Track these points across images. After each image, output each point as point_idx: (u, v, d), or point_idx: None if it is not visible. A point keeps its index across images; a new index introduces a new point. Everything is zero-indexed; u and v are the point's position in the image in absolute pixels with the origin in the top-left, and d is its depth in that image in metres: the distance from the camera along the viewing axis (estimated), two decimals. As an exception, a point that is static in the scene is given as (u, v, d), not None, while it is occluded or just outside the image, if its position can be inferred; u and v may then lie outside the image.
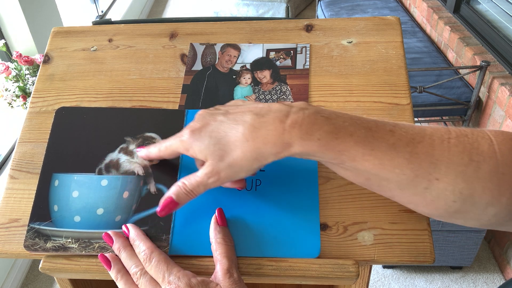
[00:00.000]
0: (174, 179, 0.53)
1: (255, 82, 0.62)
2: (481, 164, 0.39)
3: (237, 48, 0.66)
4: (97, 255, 0.50)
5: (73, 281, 0.58)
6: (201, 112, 0.46)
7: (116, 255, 0.49)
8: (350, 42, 0.65)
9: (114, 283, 0.48)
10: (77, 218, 0.52)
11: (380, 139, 0.40)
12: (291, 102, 0.50)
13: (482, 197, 0.39)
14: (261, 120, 0.41)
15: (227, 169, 0.42)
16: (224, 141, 0.42)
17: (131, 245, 0.49)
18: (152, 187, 0.53)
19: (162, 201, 0.46)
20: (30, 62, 1.93)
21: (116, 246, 0.49)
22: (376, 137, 0.40)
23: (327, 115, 0.41)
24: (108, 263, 0.48)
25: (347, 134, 0.40)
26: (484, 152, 0.39)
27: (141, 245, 0.48)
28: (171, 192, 0.45)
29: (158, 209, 0.46)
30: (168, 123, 0.57)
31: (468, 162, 0.39)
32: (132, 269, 0.47)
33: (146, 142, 0.56)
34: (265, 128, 0.40)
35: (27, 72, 1.93)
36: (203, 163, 0.45)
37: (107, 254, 0.49)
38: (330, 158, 0.41)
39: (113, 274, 0.48)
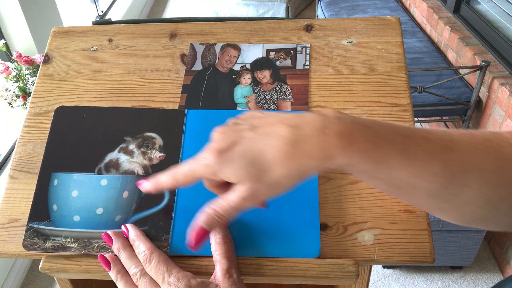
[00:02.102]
0: (174, 179, 0.53)
1: (255, 82, 0.62)
2: (506, 169, 0.37)
3: (237, 48, 0.66)
4: (97, 255, 0.50)
5: (73, 281, 0.58)
6: (221, 129, 0.40)
7: (116, 256, 0.49)
8: (350, 42, 0.65)
9: (114, 283, 0.48)
10: (76, 218, 0.52)
11: (417, 147, 0.37)
12: (312, 111, 0.45)
13: (506, 202, 0.38)
14: (299, 132, 0.37)
15: (266, 190, 0.38)
16: (261, 160, 0.37)
17: (130, 246, 0.49)
18: (152, 187, 0.53)
19: (192, 233, 0.42)
20: (30, 62, 1.93)
21: (116, 246, 0.49)
22: (412, 144, 0.37)
23: (366, 123, 0.38)
24: (107, 263, 0.48)
25: (387, 143, 0.37)
26: (508, 156, 0.38)
27: (141, 245, 0.48)
28: (201, 221, 0.41)
29: (190, 243, 0.42)
30: (168, 123, 0.57)
31: (495, 168, 0.37)
32: (132, 269, 0.47)
33: (146, 141, 0.56)
34: (306, 141, 0.36)
35: (27, 72, 1.93)
36: (223, 185, 0.41)
37: (106, 255, 0.49)
38: (367, 168, 0.37)
39: (113, 275, 0.48)
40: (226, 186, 0.42)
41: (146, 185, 0.46)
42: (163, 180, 0.43)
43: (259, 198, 0.39)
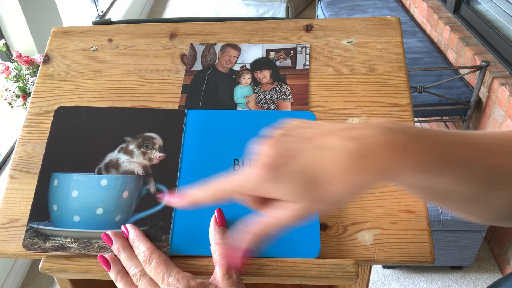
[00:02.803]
0: (174, 179, 0.53)
1: (255, 82, 0.62)
2: None
3: (237, 48, 0.66)
4: (97, 255, 0.50)
5: (73, 281, 0.58)
6: (270, 142, 0.36)
7: (115, 256, 0.49)
8: (350, 42, 0.65)
9: (114, 283, 0.48)
10: (76, 218, 0.52)
11: (460, 154, 0.35)
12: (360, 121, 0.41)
13: None
14: (363, 146, 0.33)
15: (321, 207, 0.35)
16: (320, 176, 0.34)
17: (130, 246, 0.49)
18: (152, 187, 0.53)
19: (238, 254, 0.39)
20: (30, 62, 1.93)
21: (116, 246, 0.49)
22: (457, 152, 0.35)
23: (429, 134, 0.35)
24: (107, 264, 0.48)
25: (448, 155, 0.35)
26: None
27: (140, 246, 0.48)
28: (249, 243, 0.38)
29: (238, 265, 0.40)
30: (168, 123, 0.57)
31: None
32: (132, 270, 0.47)
33: (146, 142, 0.56)
34: (370, 156, 0.33)
35: (27, 72, 1.93)
36: (267, 200, 0.38)
37: (106, 255, 0.49)
38: (418, 180, 0.35)
39: (112, 275, 0.48)
40: (269, 201, 0.38)
41: (180, 202, 0.41)
42: (201, 196, 0.39)
43: (312, 215, 0.36)
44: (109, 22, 0.72)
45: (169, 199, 0.42)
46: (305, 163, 0.34)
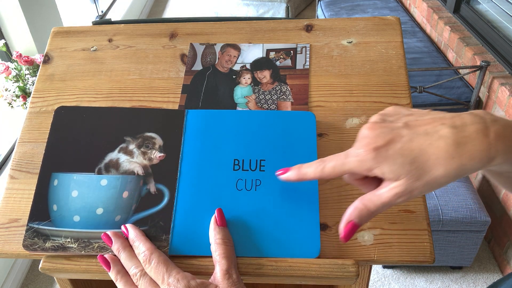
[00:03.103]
0: (174, 179, 0.53)
1: (255, 82, 0.62)
2: None
3: (237, 48, 0.66)
4: (97, 255, 0.50)
5: (73, 281, 0.58)
6: (371, 126, 0.40)
7: (115, 256, 0.49)
8: (350, 42, 0.65)
9: (114, 283, 0.48)
10: (76, 218, 0.52)
11: None
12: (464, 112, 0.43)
13: None
14: (462, 134, 0.37)
15: (422, 188, 0.38)
16: (423, 159, 0.37)
17: (130, 246, 0.49)
18: (152, 187, 0.53)
19: (342, 227, 0.41)
20: (30, 62, 1.93)
21: (116, 246, 0.49)
22: None
23: None
24: (107, 264, 0.48)
25: None
26: None
27: (140, 245, 0.48)
28: (353, 216, 0.41)
29: (341, 235, 0.41)
30: (168, 123, 0.57)
31: None
32: (132, 270, 0.47)
33: (146, 141, 0.56)
34: (469, 143, 0.37)
35: (27, 72, 1.93)
36: (368, 179, 0.42)
37: (106, 255, 0.49)
38: (508, 168, 0.38)
39: (112, 275, 0.48)
40: (370, 180, 0.43)
41: (289, 175, 0.46)
42: (308, 171, 0.44)
43: (412, 196, 0.39)
44: (109, 22, 0.72)
45: (282, 173, 0.47)
46: (406, 146, 0.38)
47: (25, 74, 1.93)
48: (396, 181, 0.39)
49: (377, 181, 0.41)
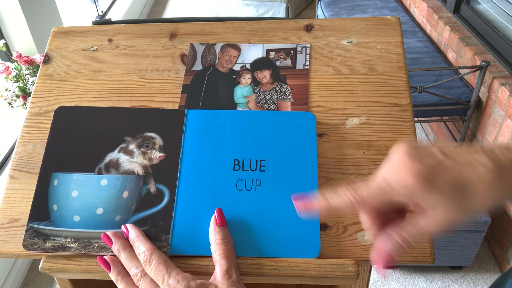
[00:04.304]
0: (174, 179, 0.53)
1: (255, 82, 0.62)
2: None
3: (237, 48, 0.66)
4: (97, 255, 0.50)
5: (73, 281, 0.58)
6: (411, 153, 0.39)
7: (115, 257, 0.49)
8: (350, 42, 0.65)
9: (114, 283, 0.48)
10: (76, 218, 0.52)
11: None
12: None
13: None
14: (501, 164, 0.38)
15: (461, 217, 0.39)
16: (465, 188, 0.38)
17: (130, 246, 0.49)
18: (152, 187, 0.53)
19: (379, 259, 0.40)
20: (30, 62, 1.93)
21: (116, 247, 0.49)
22: None
23: None
24: (107, 265, 0.48)
25: None
26: None
27: (141, 246, 0.48)
28: (388, 248, 0.40)
29: (378, 268, 0.41)
30: (168, 123, 0.57)
31: None
32: (132, 270, 0.47)
33: (146, 141, 0.56)
34: (504, 173, 0.38)
35: (27, 72, 1.93)
36: (394, 209, 0.41)
37: (105, 257, 0.49)
38: None
39: (113, 276, 0.48)
40: (389, 213, 0.42)
41: (315, 207, 0.41)
42: (336, 201, 0.40)
43: (452, 224, 0.39)
44: (109, 22, 0.72)
45: (302, 204, 0.42)
46: (451, 175, 0.38)
47: (25, 74, 1.93)
48: (436, 211, 0.38)
49: (397, 213, 0.42)
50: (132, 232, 0.50)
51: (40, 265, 0.50)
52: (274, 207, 0.51)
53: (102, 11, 3.06)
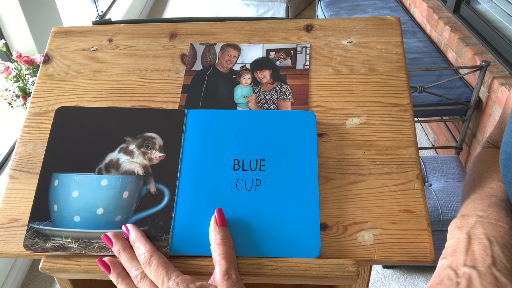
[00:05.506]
0: (174, 179, 0.53)
1: (255, 82, 0.62)
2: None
3: (237, 48, 0.66)
4: (97, 255, 0.50)
5: (73, 281, 0.58)
6: (436, 283, 0.46)
7: (115, 259, 0.49)
8: (350, 42, 0.65)
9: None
10: (76, 218, 0.52)
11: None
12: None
13: None
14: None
15: None
16: None
17: (131, 247, 0.49)
18: (152, 187, 0.53)
19: None
20: (30, 62, 1.93)
21: (116, 248, 0.49)
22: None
23: None
24: (107, 267, 0.48)
25: None
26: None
27: (141, 247, 0.48)
28: None
29: None
30: (168, 123, 0.57)
31: None
32: (133, 272, 0.47)
33: (146, 142, 0.56)
34: None
35: (27, 72, 1.93)
36: None
37: (105, 259, 0.49)
38: None
39: (113, 278, 0.48)
40: None
41: None
42: None
43: None
44: (109, 22, 0.72)
45: None
46: None
47: (25, 74, 1.93)
48: None
49: None
50: (133, 232, 0.50)
51: (40, 265, 0.50)
52: (274, 207, 0.51)
53: (102, 11, 3.07)
